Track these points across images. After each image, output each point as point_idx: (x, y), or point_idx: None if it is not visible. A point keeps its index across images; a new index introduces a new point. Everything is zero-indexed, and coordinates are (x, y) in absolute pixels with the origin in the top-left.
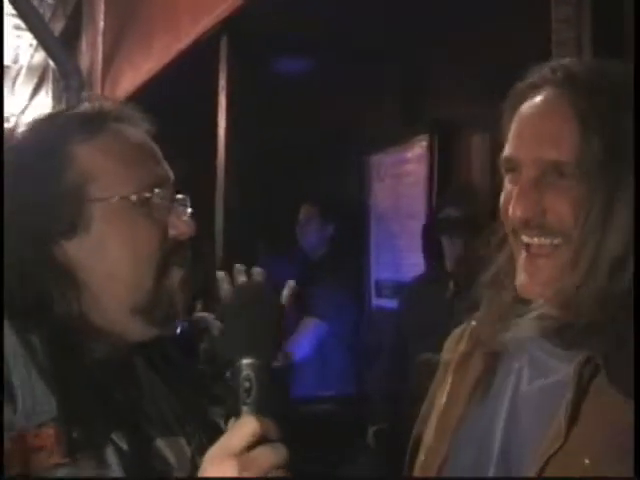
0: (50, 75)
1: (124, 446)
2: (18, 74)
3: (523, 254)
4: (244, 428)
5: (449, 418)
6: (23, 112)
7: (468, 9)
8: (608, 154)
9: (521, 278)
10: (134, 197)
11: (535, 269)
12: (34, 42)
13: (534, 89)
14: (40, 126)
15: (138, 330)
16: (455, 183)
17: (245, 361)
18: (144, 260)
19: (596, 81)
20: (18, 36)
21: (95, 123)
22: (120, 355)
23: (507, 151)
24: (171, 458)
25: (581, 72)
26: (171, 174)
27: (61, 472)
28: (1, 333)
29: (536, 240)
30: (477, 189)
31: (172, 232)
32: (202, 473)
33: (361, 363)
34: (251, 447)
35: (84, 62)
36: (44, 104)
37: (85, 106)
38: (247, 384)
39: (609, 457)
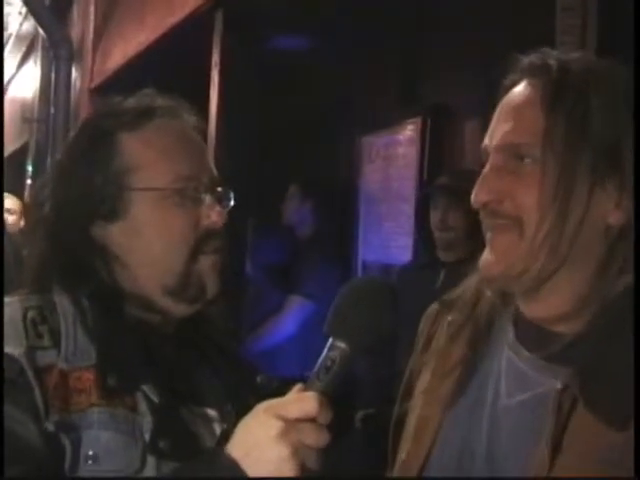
0: (39, 44)
1: (155, 399)
2: (6, 42)
3: (488, 235)
4: (306, 402)
5: (428, 420)
6: (10, 81)
7: None
8: (569, 139)
9: (484, 256)
10: (169, 189)
11: (494, 247)
12: (23, 10)
13: (514, 84)
14: (99, 114)
15: (169, 307)
16: (447, 166)
17: (338, 343)
18: (176, 246)
19: (566, 68)
20: (7, 3)
21: (144, 116)
22: (158, 322)
23: (483, 142)
24: (197, 426)
25: (553, 60)
26: (210, 166)
27: (96, 411)
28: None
29: (494, 221)
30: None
31: (204, 222)
32: (248, 420)
33: None
34: (301, 420)
35: (75, 32)
36: (32, 73)
37: (138, 99)
38: (329, 363)
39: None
